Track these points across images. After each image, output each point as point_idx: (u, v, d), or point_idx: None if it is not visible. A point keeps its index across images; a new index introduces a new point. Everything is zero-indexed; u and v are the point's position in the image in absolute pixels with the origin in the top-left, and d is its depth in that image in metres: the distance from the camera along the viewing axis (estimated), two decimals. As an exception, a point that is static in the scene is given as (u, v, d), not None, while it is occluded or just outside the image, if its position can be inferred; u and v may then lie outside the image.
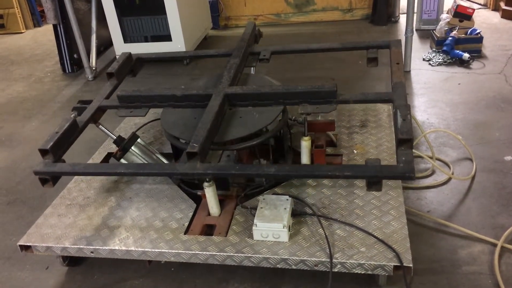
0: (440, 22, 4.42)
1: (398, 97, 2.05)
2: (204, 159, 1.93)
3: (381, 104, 2.92)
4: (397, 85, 2.14)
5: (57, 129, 2.10)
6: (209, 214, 2.16)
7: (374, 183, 1.75)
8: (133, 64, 2.77)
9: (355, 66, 4.27)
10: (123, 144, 2.39)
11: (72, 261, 2.28)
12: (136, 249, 2.02)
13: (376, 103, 2.95)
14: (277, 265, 1.90)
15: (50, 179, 2.00)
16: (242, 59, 2.61)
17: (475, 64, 4.03)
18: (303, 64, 4.38)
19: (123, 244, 2.05)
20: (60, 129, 2.10)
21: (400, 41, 2.61)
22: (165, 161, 2.48)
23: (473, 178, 2.61)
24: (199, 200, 2.25)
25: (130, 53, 2.77)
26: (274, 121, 2.18)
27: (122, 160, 2.38)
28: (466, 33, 4.28)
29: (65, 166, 2.01)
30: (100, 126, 2.40)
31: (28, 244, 2.13)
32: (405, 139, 1.78)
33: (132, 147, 2.41)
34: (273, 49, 2.76)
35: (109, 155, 2.75)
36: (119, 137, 2.43)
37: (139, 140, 2.45)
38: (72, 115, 2.28)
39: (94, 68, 4.78)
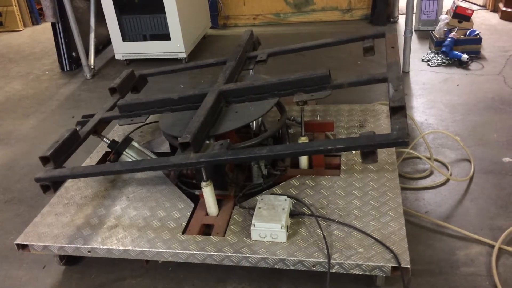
0: (439, 23, 4.42)
1: (392, 75, 2.05)
2: (198, 150, 1.93)
3: (380, 104, 2.93)
4: (391, 65, 2.14)
5: (58, 138, 2.17)
6: (207, 214, 2.16)
7: (369, 154, 1.74)
8: (136, 81, 2.79)
9: (355, 66, 4.26)
10: (117, 147, 2.39)
11: (69, 260, 2.27)
12: (134, 248, 2.01)
13: (375, 104, 2.96)
14: (275, 266, 1.90)
15: (51, 186, 2.05)
16: (238, 62, 2.61)
17: (474, 65, 4.03)
18: (303, 65, 4.37)
19: (121, 243, 2.04)
20: (61, 138, 2.17)
21: (395, 28, 2.60)
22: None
23: (471, 179, 2.61)
24: (197, 200, 2.24)
25: (132, 70, 2.79)
26: (268, 112, 2.21)
27: None
28: (465, 34, 4.28)
29: (64, 171, 2.06)
30: (105, 139, 2.44)
31: (25, 243, 2.13)
32: (398, 106, 1.79)
33: (126, 150, 2.41)
34: (270, 51, 2.76)
35: (107, 154, 2.74)
36: (113, 141, 2.43)
37: (133, 142, 2.45)
38: (77, 128, 2.34)
39: (92, 67, 4.77)
